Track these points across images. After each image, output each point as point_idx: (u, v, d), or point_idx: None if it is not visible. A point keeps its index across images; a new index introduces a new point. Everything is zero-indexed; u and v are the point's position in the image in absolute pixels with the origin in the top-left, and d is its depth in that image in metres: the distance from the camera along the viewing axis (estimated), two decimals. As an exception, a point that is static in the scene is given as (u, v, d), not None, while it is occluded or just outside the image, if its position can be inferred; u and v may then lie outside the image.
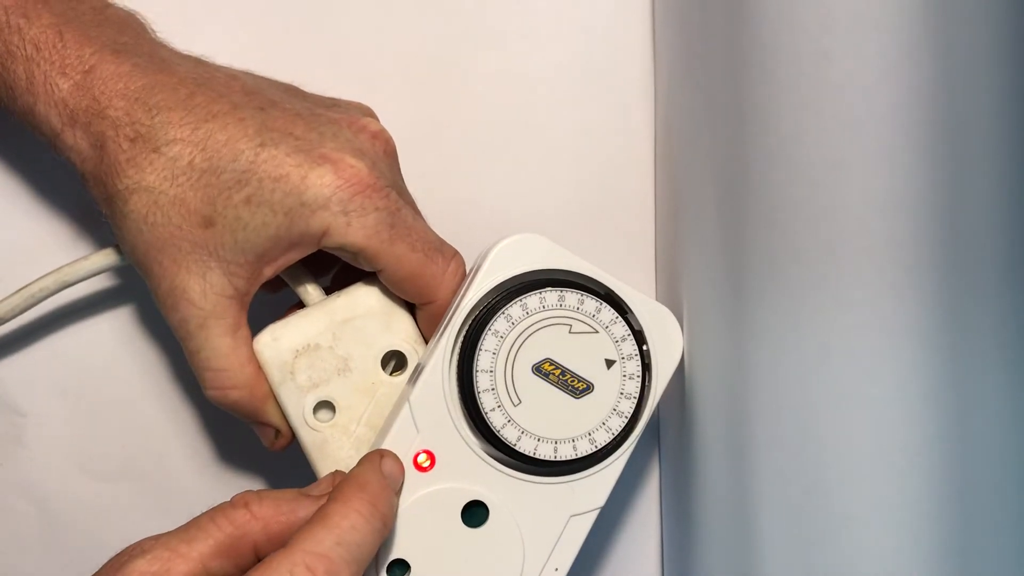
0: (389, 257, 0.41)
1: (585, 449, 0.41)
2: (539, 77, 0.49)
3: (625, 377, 0.41)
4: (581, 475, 0.41)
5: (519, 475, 0.41)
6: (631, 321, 0.41)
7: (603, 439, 0.41)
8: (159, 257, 0.41)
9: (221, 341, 0.42)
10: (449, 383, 0.40)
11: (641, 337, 0.41)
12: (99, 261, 0.44)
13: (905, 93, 0.34)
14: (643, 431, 0.42)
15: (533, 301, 0.40)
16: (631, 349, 0.41)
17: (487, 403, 0.40)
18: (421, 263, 0.41)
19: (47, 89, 0.40)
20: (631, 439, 0.41)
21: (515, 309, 0.40)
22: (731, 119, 0.39)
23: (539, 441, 0.40)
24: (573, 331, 0.40)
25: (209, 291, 0.41)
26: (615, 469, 0.41)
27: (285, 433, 0.44)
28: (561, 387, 0.40)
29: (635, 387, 0.41)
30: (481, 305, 0.41)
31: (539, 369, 0.40)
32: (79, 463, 0.49)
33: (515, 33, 0.49)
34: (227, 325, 0.42)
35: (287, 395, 0.42)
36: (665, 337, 0.42)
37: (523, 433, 0.40)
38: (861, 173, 0.35)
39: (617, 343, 0.41)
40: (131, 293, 0.49)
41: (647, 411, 0.41)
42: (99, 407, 0.49)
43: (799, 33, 0.36)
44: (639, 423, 0.41)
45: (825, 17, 0.35)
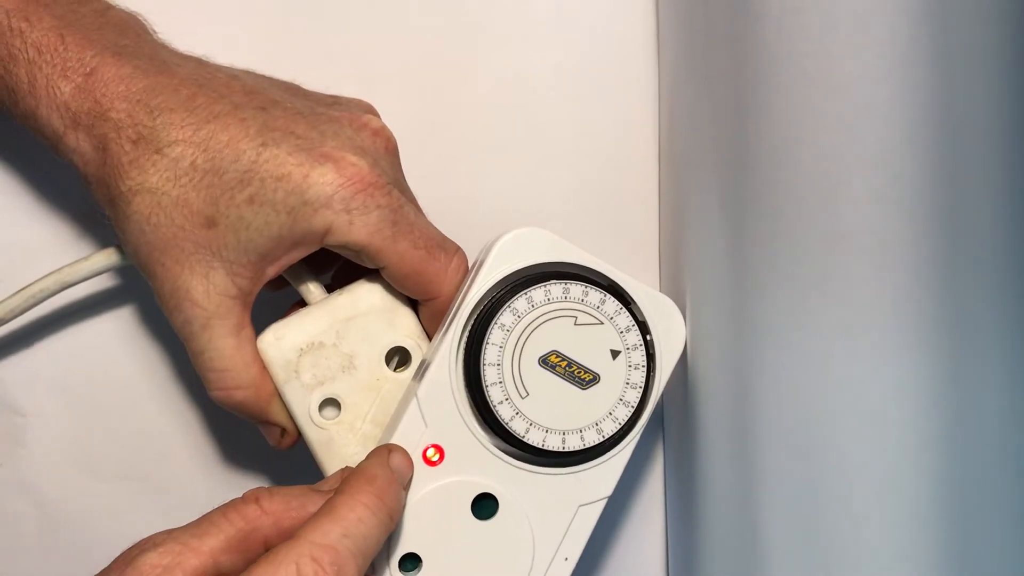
0: (392, 254, 0.41)
1: (592, 439, 0.41)
2: (542, 74, 0.49)
3: (630, 367, 0.41)
4: (589, 465, 0.41)
5: (528, 467, 0.41)
6: (635, 312, 0.41)
7: (610, 429, 0.41)
8: (162, 258, 0.41)
9: (225, 342, 0.42)
10: (456, 377, 0.41)
11: (645, 327, 0.42)
12: (99, 262, 0.44)
13: (906, 90, 0.35)
14: (648, 420, 0.42)
15: (538, 294, 0.41)
16: (636, 339, 0.41)
17: (495, 396, 0.40)
18: (424, 260, 0.42)
19: (49, 92, 0.40)
20: (637, 428, 0.42)
21: (520, 302, 0.41)
22: (734, 115, 0.40)
23: (547, 433, 0.41)
24: (578, 323, 0.41)
25: (212, 291, 0.41)
26: (622, 458, 0.42)
27: (291, 432, 0.44)
28: (568, 378, 0.41)
29: (640, 377, 0.41)
30: (486, 299, 0.41)
31: (545, 361, 0.41)
32: (79, 463, 0.49)
33: (518, 30, 0.49)
34: (231, 325, 0.42)
35: (292, 394, 0.43)
36: (668, 327, 0.42)
37: (531, 425, 0.41)
38: (862, 169, 0.36)
39: (622, 333, 0.41)
40: (131, 293, 0.49)
41: (652, 400, 0.42)
42: (99, 407, 0.49)
43: (801, 30, 0.36)
44: (645, 412, 0.42)
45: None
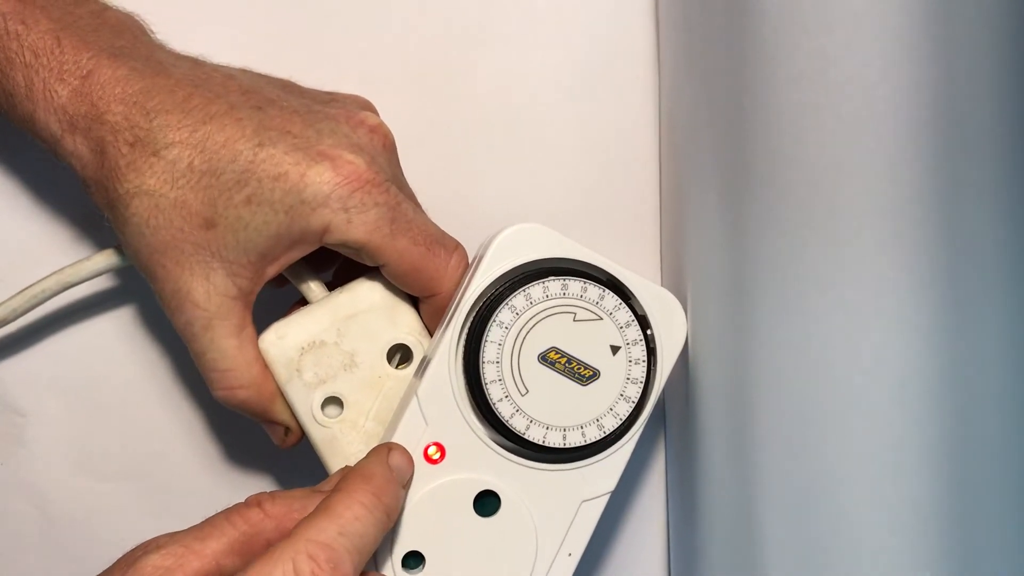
0: (391, 252, 0.41)
1: (594, 435, 0.41)
2: (542, 72, 0.49)
3: (631, 362, 0.41)
4: (590, 461, 0.41)
5: (529, 463, 0.41)
6: (635, 307, 0.41)
7: (611, 424, 0.41)
8: (162, 260, 0.41)
9: (227, 342, 0.42)
10: (456, 375, 0.41)
11: (645, 322, 0.41)
12: (100, 262, 0.44)
13: (902, 89, 0.35)
14: (650, 415, 0.42)
15: (536, 291, 0.40)
16: (636, 335, 0.41)
17: (495, 394, 0.40)
18: (423, 256, 0.42)
19: (46, 96, 0.40)
20: (638, 423, 0.42)
21: (519, 299, 0.40)
22: (733, 112, 0.39)
23: (548, 429, 0.41)
24: (577, 319, 0.41)
25: (213, 292, 0.41)
26: (624, 454, 0.42)
27: (295, 430, 0.44)
28: (567, 375, 0.41)
29: (641, 372, 0.41)
30: (485, 296, 0.41)
31: (545, 358, 0.41)
32: (79, 463, 0.49)
33: (517, 28, 0.49)
34: (232, 326, 0.42)
35: (294, 392, 0.43)
36: (669, 321, 0.42)
37: (532, 422, 0.41)
38: (859, 166, 0.36)
39: (621, 329, 0.41)
40: (131, 294, 0.49)
41: (653, 395, 0.42)
42: (99, 407, 0.49)
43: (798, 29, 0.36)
44: (646, 407, 0.42)
45: None
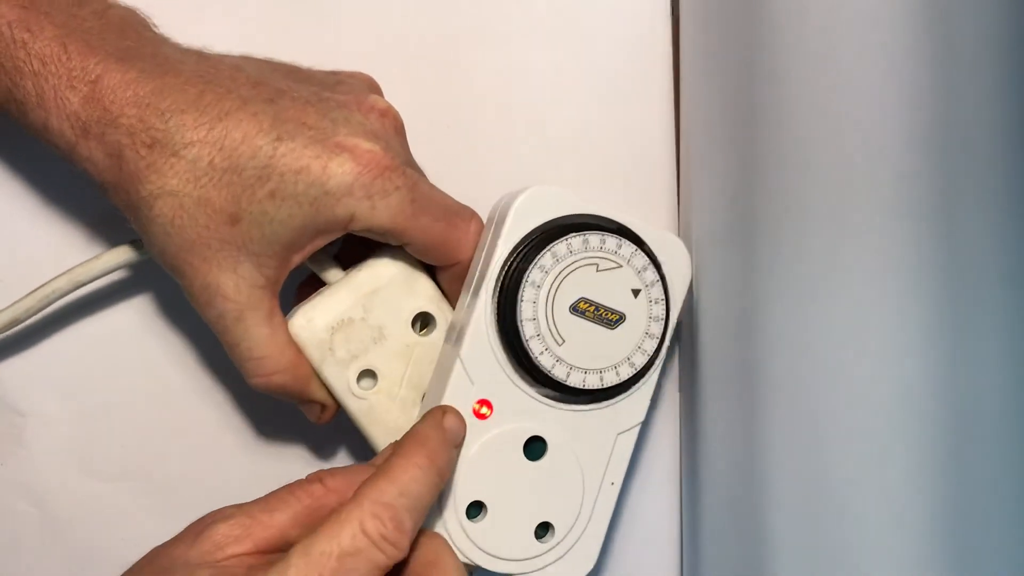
0: (415, 231, 0.43)
1: (627, 373, 0.45)
2: (555, 72, 0.50)
3: (651, 302, 0.45)
4: (622, 397, 0.45)
5: (570, 407, 0.44)
6: (648, 251, 0.45)
7: (641, 361, 0.45)
8: (189, 258, 0.42)
9: (259, 330, 0.43)
10: (494, 335, 0.43)
11: (658, 263, 0.45)
12: (111, 260, 0.44)
13: (910, 77, 0.37)
14: (667, 349, 0.46)
15: (561, 248, 0.43)
16: (653, 276, 0.45)
17: (535, 348, 0.43)
18: (445, 230, 0.44)
19: (58, 104, 0.40)
20: (661, 355, 0.45)
21: (546, 258, 0.43)
22: (744, 108, 0.42)
23: (586, 373, 0.44)
24: (600, 269, 0.44)
25: (242, 284, 0.42)
26: (650, 385, 0.46)
27: (330, 406, 0.46)
28: (597, 321, 0.44)
29: (661, 310, 0.45)
30: (512, 259, 0.43)
31: (575, 308, 0.44)
32: (79, 463, 0.49)
33: (537, 25, 0.50)
34: (263, 314, 0.43)
35: (330, 371, 0.44)
36: (674, 259, 0.46)
37: (571, 369, 0.44)
38: (866, 170, 0.38)
39: (639, 273, 0.44)
40: (131, 294, 0.49)
41: (670, 329, 0.46)
42: (99, 407, 0.49)
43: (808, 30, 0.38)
44: (666, 340, 0.45)
45: None
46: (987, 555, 0.37)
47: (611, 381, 0.44)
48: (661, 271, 0.45)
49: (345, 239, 0.48)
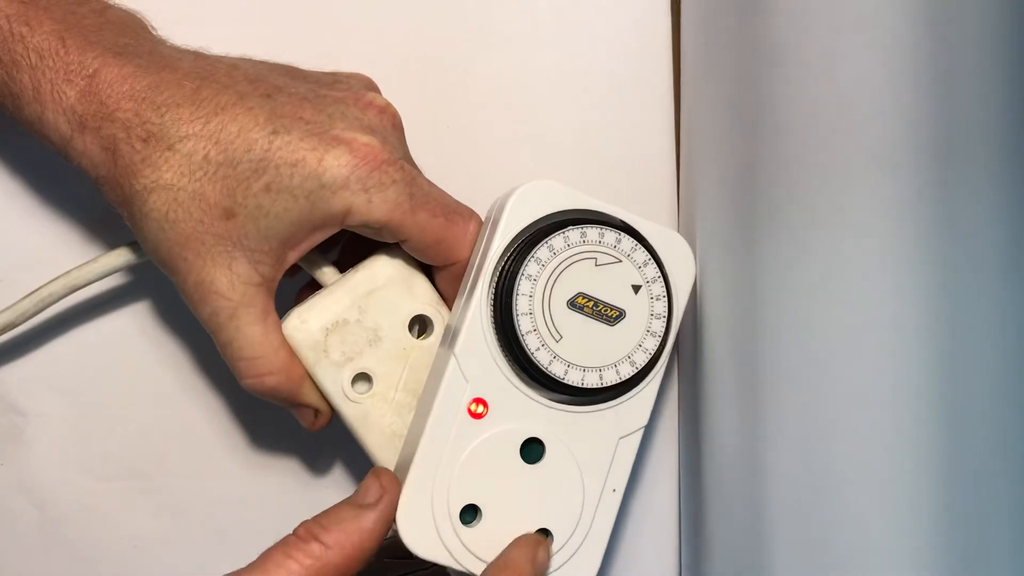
0: (413, 227, 0.42)
1: (627, 372, 0.43)
2: (555, 73, 0.51)
3: (652, 299, 0.43)
4: (624, 398, 0.44)
5: (568, 408, 0.43)
6: (649, 247, 0.44)
7: (642, 360, 0.43)
8: (183, 253, 0.41)
9: (252, 329, 0.42)
10: (488, 332, 0.42)
11: (660, 260, 0.44)
12: (107, 263, 0.44)
13: (910, 77, 0.36)
14: (672, 349, 0.44)
15: (558, 241, 0.42)
16: (654, 272, 0.44)
17: (531, 344, 0.42)
18: (443, 227, 0.43)
19: (54, 97, 0.40)
20: (665, 355, 0.44)
21: (543, 251, 0.42)
22: (744, 107, 0.42)
23: (584, 371, 0.43)
24: (599, 264, 0.43)
25: (236, 281, 0.42)
26: (652, 388, 0.44)
27: (324, 411, 0.44)
28: (596, 317, 0.43)
29: (663, 307, 0.44)
30: (508, 253, 0.43)
31: (573, 303, 0.43)
32: (79, 463, 0.49)
33: (537, 26, 0.51)
34: (257, 313, 0.42)
35: (323, 373, 0.43)
36: (678, 257, 0.44)
37: (569, 366, 0.42)
38: (865, 169, 0.38)
39: (640, 268, 0.43)
40: (131, 294, 0.49)
41: (674, 328, 0.44)
42: (99, 407, 0.49)
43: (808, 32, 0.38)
44: (669, 340, 0.44)
45: None
46: (987, 555, 0.36)
47: (611, 380, 0.43)
48: (663, 267, 0.44)
49: (344, 245, 0.48)
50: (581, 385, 0.43)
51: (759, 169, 0.42)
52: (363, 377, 0.44)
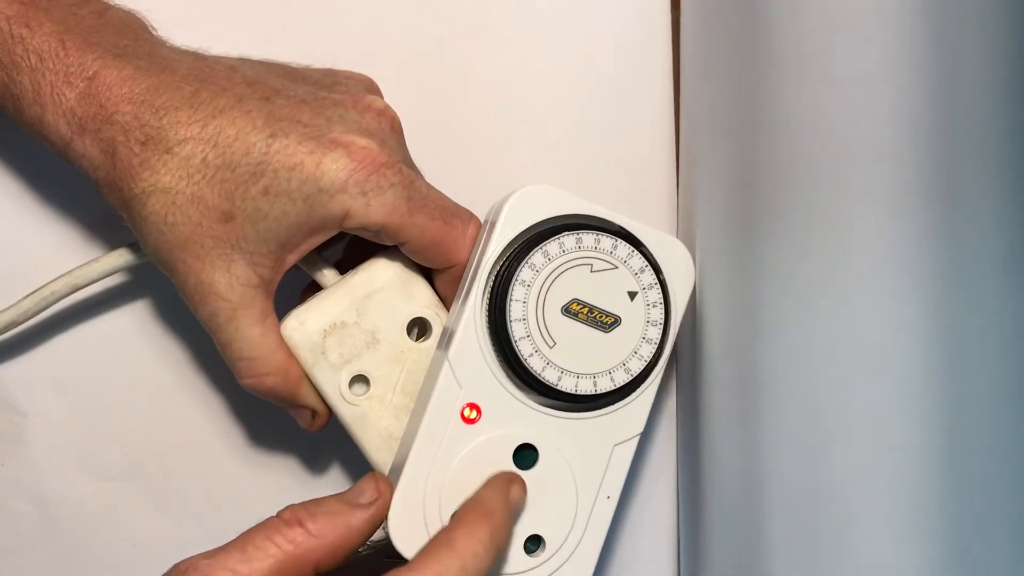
0: (411, 229, 0.42)
1: (622, 379, 0.43)
2: (554, 74, 0.50)
3: (648, 306, 0.43)
4: (619, 405, 0.43)
5: (562, 414, 0.43)
6: (646, 253, 0.43)
7: (637, 367, 0.43)
8: (182, 255, 0.42)
9: (251, 330, 0.43)
10: (483, 336, 0.42)
11: (657, 267, 0.43)
12: (109, 263, 0.45)
13: (909, 77, 0.36)
14: (669, 356, 0.44)
15: (553, 247, 0.42)
16: (650, 279, 0.43)
17: (524, 349, 0.42)
18: (442, 230, 0.43)
19: (54, 99, 0.41)
20: (661, 363, 0.43)
21: (537, 257, 0.42)
22: (744, 107, 0.42)
23: (578, 378, 0.42)
24: (594, 270, 0.43)
25: (235, 283, 0.42)
26: (649, 395, 0.44)
27: (322, 413, 0.45)
28: (591, 324, 0.42)
29: (659, 314, 0.43)
30: (504, 258, 0.42)
31: (568, 310, 0.42)
32: (79, 463, 0.49)
33: (536, 27, 0.50)
34: (255, 314, 0.43)
35: (321, 374, 0.44)
36: (676, 263, 0.44)
37: (563, 372, 0.42)
38: (864, 169, 0.37)
39: (636, 275, 0.43)
40: (131, 295, 0.49)
41: (671, 335, 0.44)
42: (99, 407, 0.49)
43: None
44: (666, 347, 0.44)
45: None
46: (987, 555, 0.36)
47: (605, 387, 0.43)
48: (660, 274, 0.43)
49: (345, 248, 0.48)
50: (575, 392, 0.42)
51: (759, 169, 0.41)
52: (361, 379, 0.44)
